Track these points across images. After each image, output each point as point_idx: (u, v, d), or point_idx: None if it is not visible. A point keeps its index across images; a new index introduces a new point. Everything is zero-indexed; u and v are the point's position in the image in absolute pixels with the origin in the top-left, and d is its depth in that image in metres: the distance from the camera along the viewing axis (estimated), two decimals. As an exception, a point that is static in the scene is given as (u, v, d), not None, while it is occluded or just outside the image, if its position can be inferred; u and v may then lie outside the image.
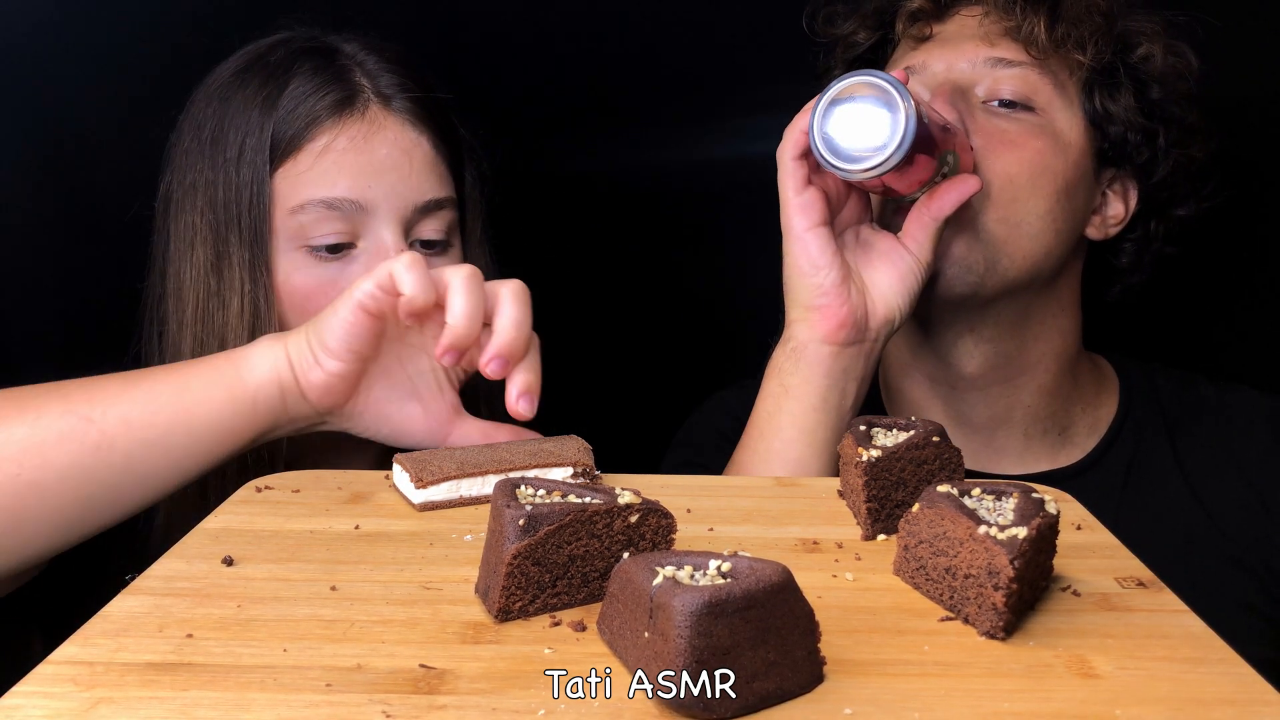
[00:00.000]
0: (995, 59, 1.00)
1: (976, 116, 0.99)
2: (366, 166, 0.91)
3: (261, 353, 0.80)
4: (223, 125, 0.93)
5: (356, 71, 0.95)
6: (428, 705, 0.47)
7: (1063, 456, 1.08)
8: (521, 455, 0.75)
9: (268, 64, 0.94)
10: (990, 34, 1.01)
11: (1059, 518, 0.59)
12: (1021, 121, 0.99)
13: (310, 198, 0.91)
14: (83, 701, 0.47)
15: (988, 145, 0.98)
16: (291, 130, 0.91)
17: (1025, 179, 0.98)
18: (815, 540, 0.68)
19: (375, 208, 0.92)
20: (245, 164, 0.91)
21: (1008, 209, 0.98)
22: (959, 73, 1.01)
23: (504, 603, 0.55)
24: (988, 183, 0.97)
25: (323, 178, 0.91)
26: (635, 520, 0.58)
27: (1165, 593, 0.60)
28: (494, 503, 0.58)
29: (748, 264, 1.28)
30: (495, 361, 0.77)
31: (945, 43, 1.03)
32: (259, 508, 0.71)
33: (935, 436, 0.70)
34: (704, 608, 0.46)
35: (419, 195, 0.94)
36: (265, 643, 0.53)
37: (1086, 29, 0.98)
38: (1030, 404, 1.06)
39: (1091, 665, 0.52)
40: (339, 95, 0.92)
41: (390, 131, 0.93)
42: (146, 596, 0.57)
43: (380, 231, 0.92)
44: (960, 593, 0.56)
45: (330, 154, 0.91)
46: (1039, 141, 0.99)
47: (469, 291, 0.77)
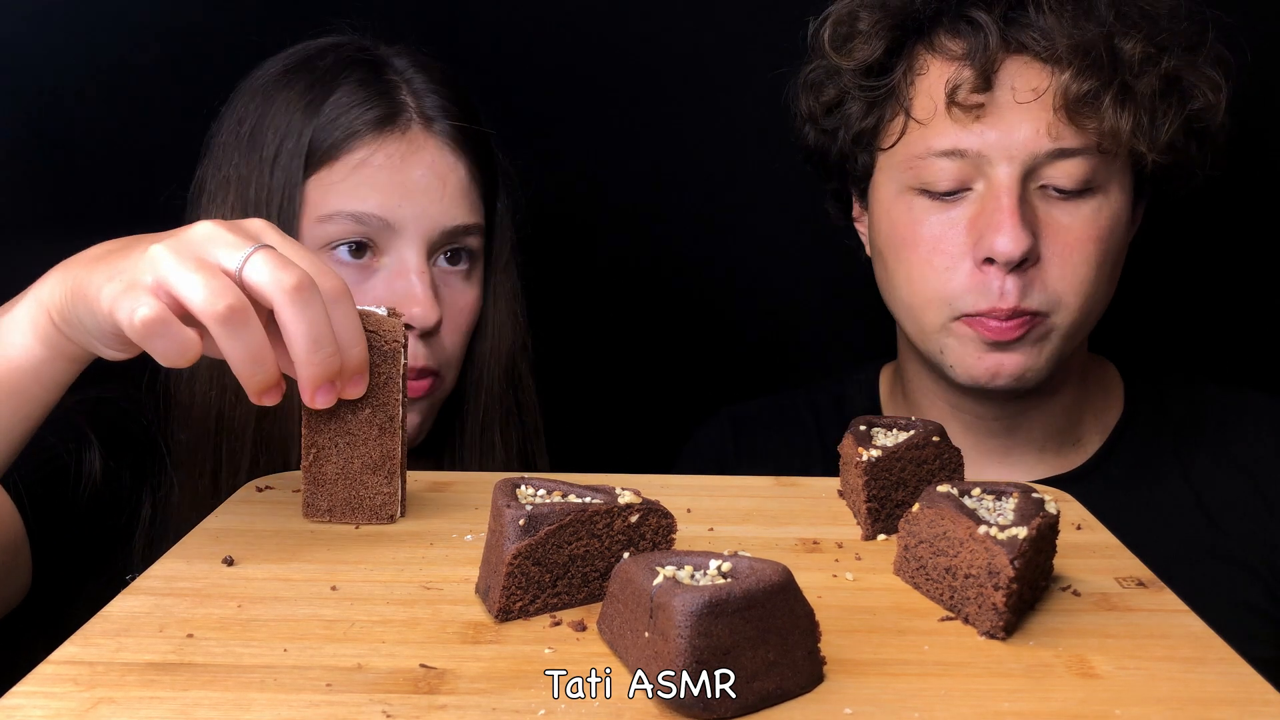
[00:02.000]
0: (1058, 150, 0.93)
1: (1040, 218, 0.94)
2: (400, 186, 0.91)
3: (19, 324, 0.69)
4: (262, 123, 0.92)
5: (403, 89, 0.94)
6: (428, 705, 0.47)
7: (1070, 462, 1.07)
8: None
9: (315, 68, 0.94)
10: (1053, 121, 0.92)
11: (1059, 518, 0.60)
12: (1081, 207, 0.94)
13: (340, 209, 0.90)
14: (83, 701, 0.47)
15: (1058, 250, 0.94)
16: (330, 139, 0.91)
17: (1094, 278, 0.95)
18: (815, 540, 0.68)
19: (403, 228, 0.91)
20: (280, 166, 0.91)
21: (1079, 311, 0.95)
22: (1015, 165, 0.93)
23: (504, 602, 0.55)
24: (1059, 291, 0.94)
25: (355, 191, 0.90)
26: (635, 520, 0.58)
27: (1165, 593, 0.60)
28: (494, 502, 0.58)
29: (761, 277, 1.28)
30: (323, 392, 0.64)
31: (1002, 123, 0.93)
32: (259, 508, 0.71)
33: (935, 436, 0.71)
34: (704, 608, 0.46)
35: (448, 220, 0.93)
36: (265, 643, 0.53)
37: (1158, 109, 0.92)
38: (1052, 422, 1.05)
39: (1091, 665, 0.52)
40: (382, 111, 0.92)
41: (428, 154, 0.93)
42: (147, 596, 0.57)
43: (404, 251, 0.92)
44: (960, 593, 0.56)
45: (366, 169, 0.91)
46: (1099, 226, 0.94)
47: (304, 313, 0.61)
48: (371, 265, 0.92)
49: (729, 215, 1.28)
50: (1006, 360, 0.96)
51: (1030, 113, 0.92)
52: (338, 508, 0.69)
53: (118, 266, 0.63)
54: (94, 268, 0.65)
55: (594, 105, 1.24)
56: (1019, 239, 0.91)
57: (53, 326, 0.68)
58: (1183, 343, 1.27)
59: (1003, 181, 0.93)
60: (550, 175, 1.11)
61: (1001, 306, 0.94)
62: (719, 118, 1.25)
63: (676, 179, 1.27)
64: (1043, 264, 0.94)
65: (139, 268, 0.62)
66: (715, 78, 1.23)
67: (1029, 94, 0.92)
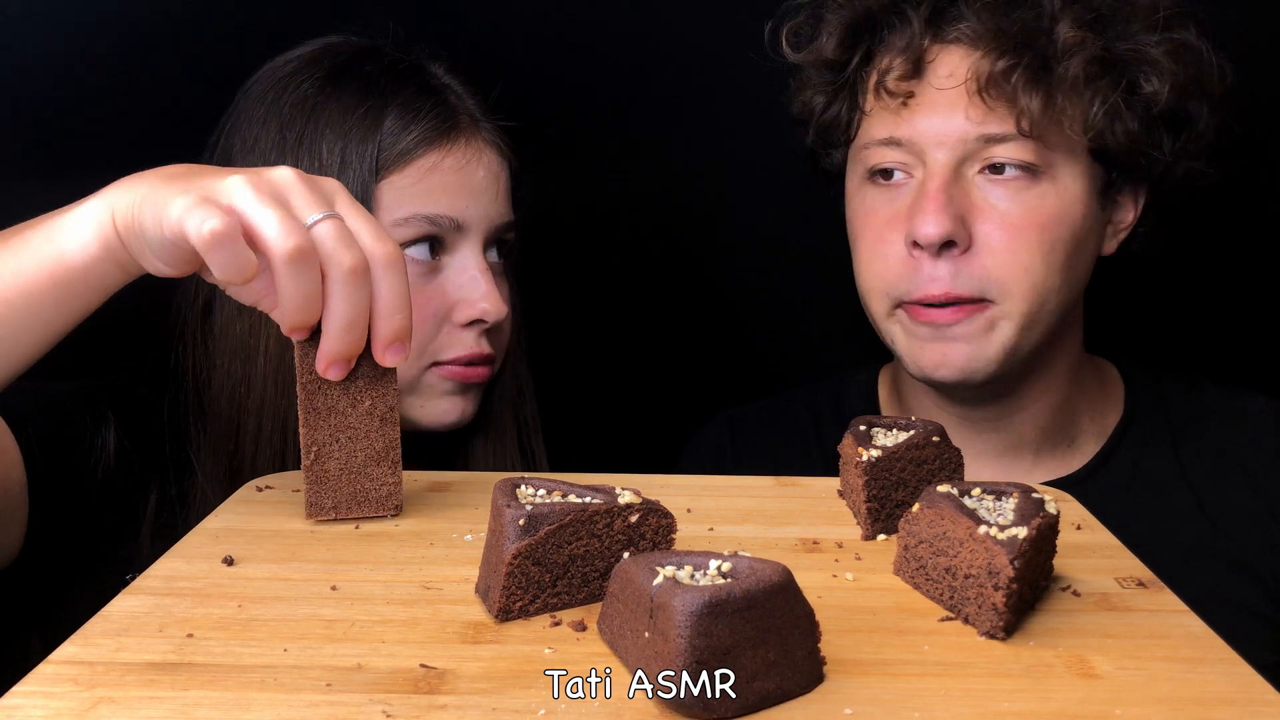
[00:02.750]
0: (987, 136, 0.93)
1: (974, 201, 0.94)
2: (466, 188, 0.96)
3: (83, 220, 0.70)
4: (315, 131, 0.93)
5: (451, 95, 0.98)
6: (428, 705, 0.47)
7: (1068, 465, 1.06)
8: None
9: (361, 76, 0.96)
10: (980, 105, 0.93)
11: (1059, 518, 0.60)
12: (1023, 191, 0.94)
13: (415, 212, 0.94)
14: (83, 701, 0.47)
15: (994, 233, 0.93)
16: (399, 147, 0.94)
17: (1041, 264, 0.94)
18: (815, 540, 0.68)
19: (469, 226, 0.96)
20: (350, 170, 0.93)
21: (1029, 299, 0.94)
22: (948, 151, 0.94)
23: (504, 602, 0.55)
24: (1001, 278, 0.93)
25: (427, 194, 0.94)
26: (635, 520, 0.58)
27: (1165, 593, 0.60)
28: (494, 502, 0.58)
29: (763, 277, 1.28)
30: (393, 349, 0.68)
31: (929, 112, 0.95)
32: (259, 508, 0.71)
33: (935, 436, 0.71)
34: (704, 608, 0.46)
35: (501, 217, 0.99)
36: (265, 642, 0.53)
37: (1088, 92, 0.91)
38: (1045, 424, 1.04)
39: (1091, 665, 0.52)
40: (442, 118, 0.96)
41: (486, 156, 0.98)
42: (147, 596, 0.57)
43: (468, 249, 0.96)
44: (960, 593, 0.56)
45: (437, 173, 0.94)
46: (1043, 211, 0.94)
47: (350, 296, 0.65)
48: (436, 268, 0.96)
49: (729, 215, 1.28)
50: (951, 351, 0.95)
51: (955, 98, 0.94)
52: (343, 503, 0.69)
53: (195, 184, 0.66)
54: (170, 182, 0.67)
55: (591, 107, 1.24)
56: (938, 222, 0.92)
57: (113, 230, 0.69)
58: (1185, 344, 1.26)
59: (932, 167, 0.95)
60: (551, 175, 1.11)
61: (932, 291, 0.94)
62: (719, 118, 1.25)
63: (678, 180, 1.27)
64: (978, 249, 0.94)
65: (217, 189, 0.64)
66: (715, 78, 1.23)
67: (948, 80, 0.94)
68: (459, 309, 0.96)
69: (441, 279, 0.96)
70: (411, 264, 0.94)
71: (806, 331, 1.29)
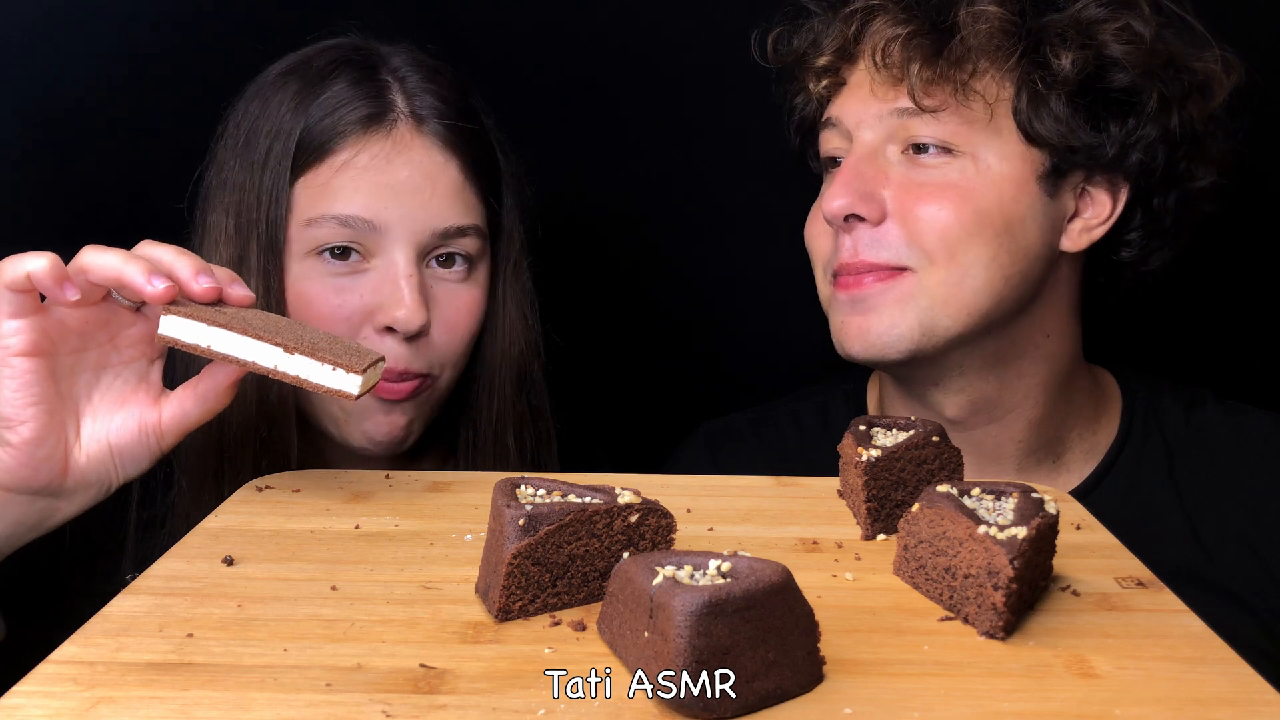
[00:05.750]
0: (899, 110, 0.94)
1: (890, 177, 0.94)
2: (385, 187, 0.89)
3: None
4: (257, 126, 0.92)
5: (394, 88, 0.92)
6: (428, 705, 0.47)
7: (1057, 484, 1.01)
8: (299, 338, 0.71)
9: (310, 69, 0.93)
10: (887, 82, 0.94)
11: (1058, 518, 0.60)
12: (941, 168, 0.93)
13: (325, 212, 0.89)
14: (83, 701, 0.47)
15: (908, 203, 0.93)
16: (316, 140, 0.90)
17: (958, 229, 0.91)
18: (815, 540, 0.68)
19: (389, 229, 0.90)
20: (269, 169, 0.90)
21: (946, 267, 0.92)
22: (868, 130, 0.96)
23: (504, 602, 0.56)
24: (918, 244, 0.92)
25: (339, 193, 0.89)
26: (635, 520, 0.58)
27: (1165, 593, 0.60)
28: (494, 502, 0.58)
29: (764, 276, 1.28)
30: (203, 275, 0.72)
31: (853, 92, 0.98)
32: (259, 508, 0.72)
33: (935, 436, 0.71)
34: (704, 608, 0.46)
35: (439, 221, 0.91)
36: (265, 642, 0.53)
37: (983, 59, 0.91)
38: (1022, 439, 1.00)
39: (1091, 665, 0.52)
40: (369, 110, 0.90)
41: (415, 153, 0.91)
42: (147, 596, 0.57)
43: (393, 254, 0.90)
44: (960, 592, 0.56)
45: (350, 170, 0.89)
46: (963, 186, 0.92)
47: (110, 250, 0.71)
48: (360, 268, 0.91)
49: (728, 220, 1.27)
50: (868, 322, 0.94)
51: (869, 77, 0.96)
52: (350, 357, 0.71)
53: None
54: None
55: (589, 109, 1.24)
56: (841, 195, 0.94)
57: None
58: (1190, 352, 1.23)
59: (854, 147, 0.97)
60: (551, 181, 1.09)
61: (844, 258, 0.95)
62: (721, 125, 1.25)
63: (678, 184, 1.27)
64: (891, 218, 0.94)
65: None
66: (715, 87, 1.23)
67: (863, 57, 0.97)
68: (377, 315, 0.90)
69: (359, 286, 0.91)
70: (323, 265, 0.90)
71: (789, 340, 1.27)
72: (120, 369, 0.77)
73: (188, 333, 0.71)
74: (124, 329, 0.77)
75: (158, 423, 0.76)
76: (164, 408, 0.76)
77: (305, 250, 0.91)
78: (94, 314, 0.75)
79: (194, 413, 0.76)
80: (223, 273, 0.74)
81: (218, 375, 0.75)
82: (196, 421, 0.76)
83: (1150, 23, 0.93)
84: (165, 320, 0.71)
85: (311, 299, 0.91)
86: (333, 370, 0.70)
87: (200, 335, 0.71)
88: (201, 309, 0.71)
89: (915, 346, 0.94)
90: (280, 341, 0.70)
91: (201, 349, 0.71)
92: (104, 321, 0.76)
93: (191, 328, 0.71)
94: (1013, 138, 0.93)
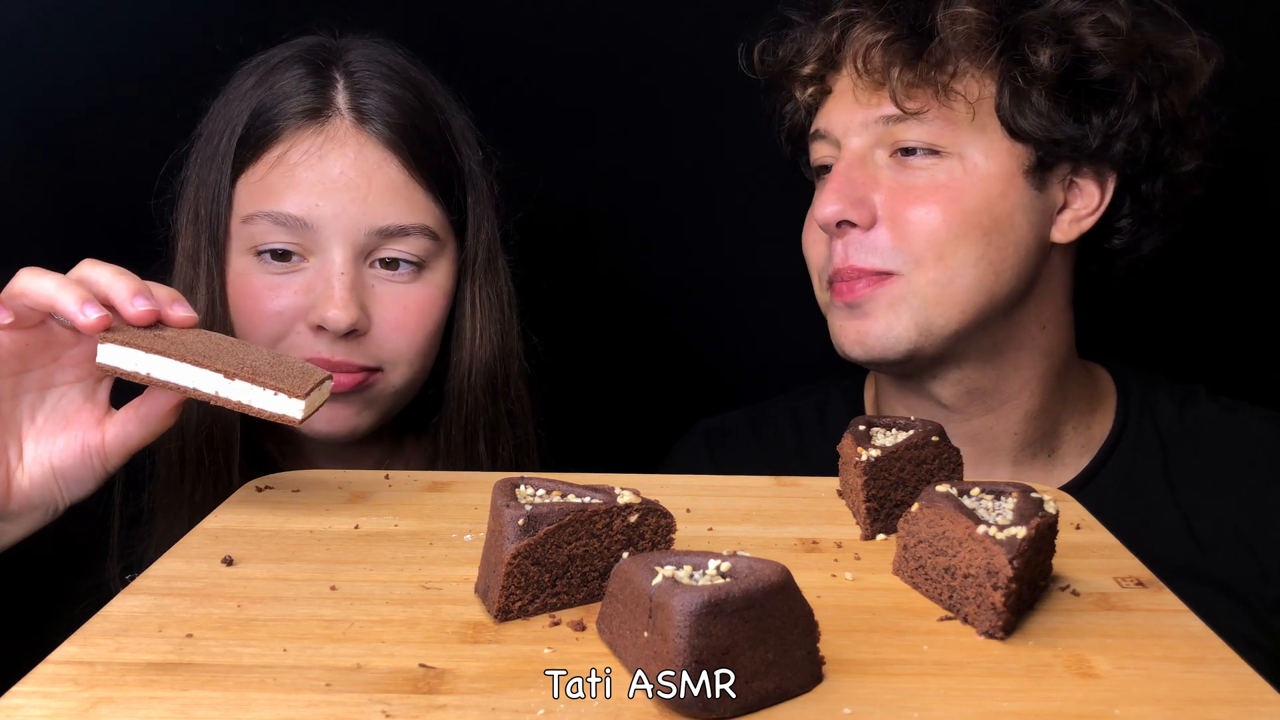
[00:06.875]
0: (884, 117, 0.95)
1: (880, 181, 0.95)
2: (317, 183, 0.87)
3: None
4: (216, 122, 0.92)
5: (339, 83, 0.90)
6: (428, 705, 0.47)
7: (1052, 477, 1.03)
8: (241, 362, 0.69)
9: (266, 65, 0.92)
10: (870, 87, 0.95)
11: (1058, 517, 0.60)
12: (928, 170, 0.94)
13: (259, 210, 0.88)
14: (83, 701, 0.47)
15: (897, 207, 0.94)
16: (254, 135, 0.89)
17: (945, 231, 0.92)
18: (815, 540, 0.68)
19: (322, 227, 0.88)
20: (216, 165, 0.89)
21: (936, 268, 0.93)
22: (855, 137, 0.97)
23: (504, 602, 0.56)
24: (905, 248, 0.93)
25: (272, 191, 0.88)
26: (635, 520, 0.58)
27: (1164, 592, 0.60)
28: (494, 502, 0.58)
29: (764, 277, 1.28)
30: (140, 298, 0.70)
31: (838, 100, 0.99)
32: (259, 508, 0.72)
33: (935, 436, 0.71)
34: (703, 608, 0.46)
35: (376, 219, 0.89)
36: (265, 643, 0.53)
37: (963, 60, 0.92)
38: (1018, 431, 1.01)
39: (1090, 665, 0.52)
40: (306, 105, 0.89)
41: (350, 149, 0.88)
42: (146, 596, 0.57)
43: (330, 252, 0.88)
44: (959, 592, 0.56)
45: (282, 166, 0.88)
46: (951, 186, 0.93)
47: (46, 274, 0.70)
48: (299, 268, 0.90)
49: (724, 219, 1.28)
50: (865, 326, 0.95)
51: (852, 84, 0.97)
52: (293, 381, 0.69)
53: None
54: None
55: (567, 118, 1.24)
56: (831, 202, 0.95)
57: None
58: (1186, 348, 1.23)
59: (843, 154, 0.98)
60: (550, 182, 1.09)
61: (837, 265, 0.96)
62: (715, 125, 1.25)
63: (678, 184, 1.27)
64: (881, 223, 0.95)
65: None
66: (711, 86, 1.23)
67: (846, 65, 0.97)
68: (309, 313, 0.89)
69: (295, 279, 0.89)
70: (265, 266, 0.89)
71: (786, 339, 1.27)
72: (65, 389, 0.76)
73: (126, 360, 0.68)
74: (68, 349, 0.75)
75: (101, 444, 0.75)
76: (107, 429, 0.75)
77: (245, 247, 0.90)
78: (34, 336, 0.73)
79: (136, 435, 0.74)
80: (163, 292, 0.72)
81: (159, 398, 0.73)
82: (140, 443, 0.75)
83: (1126, 13, 0.94)
84: (102, 349, 0.69)
85: (249, 295, 0.90)
86: (274, 395, 0.68)
87: (139, 363, 0.68)
88: (140, 334, 0.69)
89: (914, 347, 0.95)
90: (220, 367, 0.68)
91: (141, 376, 0.69)
92: (45, 344, 0.74)
93: (129, 355, 0.68)
94: (997, 135, 0.94)
